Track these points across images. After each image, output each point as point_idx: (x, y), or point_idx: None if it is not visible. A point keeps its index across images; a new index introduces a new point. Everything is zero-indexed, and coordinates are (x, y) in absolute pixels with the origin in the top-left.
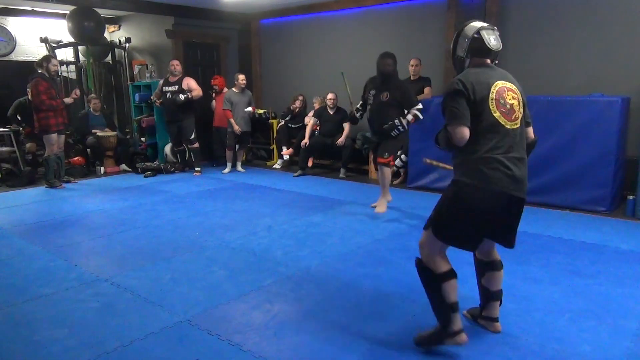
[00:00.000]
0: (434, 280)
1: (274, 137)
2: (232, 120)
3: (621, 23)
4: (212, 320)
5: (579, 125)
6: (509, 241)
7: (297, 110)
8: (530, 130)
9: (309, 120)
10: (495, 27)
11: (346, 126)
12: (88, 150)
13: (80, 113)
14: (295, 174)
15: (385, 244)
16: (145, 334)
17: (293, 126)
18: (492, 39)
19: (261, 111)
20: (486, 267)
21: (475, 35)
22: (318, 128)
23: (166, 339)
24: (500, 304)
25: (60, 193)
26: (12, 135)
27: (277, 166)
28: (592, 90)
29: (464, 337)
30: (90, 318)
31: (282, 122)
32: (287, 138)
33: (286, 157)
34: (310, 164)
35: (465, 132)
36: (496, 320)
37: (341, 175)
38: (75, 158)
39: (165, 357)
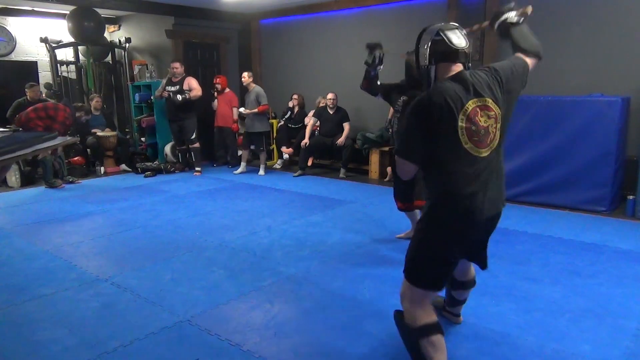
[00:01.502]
0: (412, 336)
1: (274, 137)
2: (240, 110)
3: (621, 23)
4: (212, 320)
5: (579, 125)
6: (482, 260)
7: (296, 109)
8: (528, 60)
9: (309, 120)
10: (458, 25)
11: (346, 126)
12: (88, 150)
13: (83, 119)
14: (295, 174)
15: (385, 244)
16: (145, 334)
17: (293, 126)
18: (455, 38)
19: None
20: (459, 285)
21: (436, 37)
22: (318, 128)
23: (166, 339)
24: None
25: (60, 193)
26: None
27: (277, 166)
28: (592, 90)
29: None
30: (90, 318)
31: (282, 122)
32: (287, 138)
33: (286, 156)
34: (310, 163)
35: (410, 169)
36: (459, 315)
37: (341, 175)
38: (75, 158)
39: (165, 357)
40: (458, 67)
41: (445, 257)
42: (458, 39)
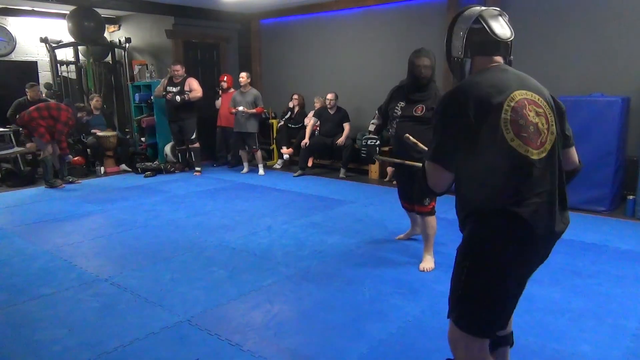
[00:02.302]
0: None
1: (274, 137)
2: (233, 111)
3: (621, 23)
4: (212, 320)
5: (578, 126)
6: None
7: (296, 109)
8: (573, 152)
9: (309, 120)
10: (501, 11)
11: (346, 126)
12: (88, 150)
13: (85, 119)
14: (295, 174)
15: (386, 244)
16: (145, 334)
17: (293, 126)
18: (498, 27)
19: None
20: (500, 341)
21: (475, 25)
22: (318, 128)
23: (166, 339)
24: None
25: (60, 193)
26: (12, 135)
27: (277, 166)
28: (592, 90)
29: None
30: (90, 318)
31: (282, 122)
32: (287, 138)
33: (286, 156)
34: (310, 164)
35: (443, 179)
36: None
37: (341, 175)
38: (75, 158)
39: (165, 357)
40: (497, 61)
41: (502, 288)
42: (502, 28)
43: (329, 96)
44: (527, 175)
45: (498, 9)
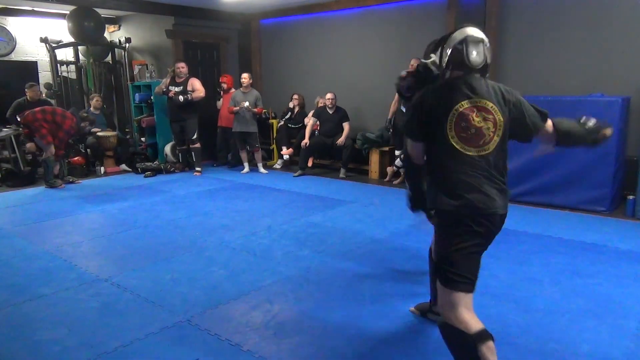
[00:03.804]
0: (467, 345)
1: (274, 137)
2: (234, 109)
3: (621, 23)
4: (212, 320)
5: None
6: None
7: (296, 109)
8: (549, 125)
9: (309, 120)
10: (483, 38)
11: (346, 126)
12: (88, 150)
13: (87, 129)
14: (295, 174)
15: (385, 244)
16: (145, 334)
17: (293, 126)
18: (474, 53)
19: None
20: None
21: (458, 46)
22: (318, 128)
23: (166, 339)
24: None
25: (60, 193)
26: (12, 135)
27: (277, 166)
28: (592, 90)
29: None
30: (90, 318)
31: (282, 122)
32: (287, 138)
33: (286, 157)
34: (310, 164)
35: (418, 152)
36: None
37: (341, 175)
38: (75, 158)
39: (165, 357)
40: (471, 74)
41: (466, 249)
42: (477, 55)
43: (329, 96)
44: (465, 163)
45: (480, 37)
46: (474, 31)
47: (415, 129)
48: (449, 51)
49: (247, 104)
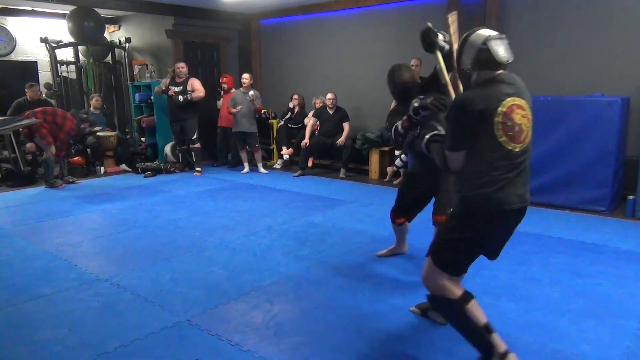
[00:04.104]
0: (454, 309)
1: (274, 137)
2: (233, 110)
3: (621, 23)
4: (212, 320)
5: (579, 125)
6: (497, 252)
7: (296, 109)
8: None
9: (309, 120)
10: (504, 36)
11: (346, 126)
12: (88, 150)
13: (87, 130)
14: (295, 174)
15: (385, 244)
16: (145, 334)
17: (293, 126)
18: (501, 50)
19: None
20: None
21: (482, 47)
22: (318, 128)
23: (166, 339)
24: None
25: (60, 193)
26: (12, 135)
27: (277, 166)
28: (592, 90)
29: (512, 357)
30: (90, 318)
31: (282, 122)
32: (287, 138)
33: (286, 157)
34: (310, 164)
35: (460, 160)
36: None
37: (341, 175)
38: (75, 158)
39: (165, 357)
40: (496, 75)
41: (477, 247)
42: (505, 51)
43: (329, 96)
44: (508, 159)
45: (499, 34)
46: (489, 31)
47: (459, 138)
48: (474, 51)
49: (252, 92)
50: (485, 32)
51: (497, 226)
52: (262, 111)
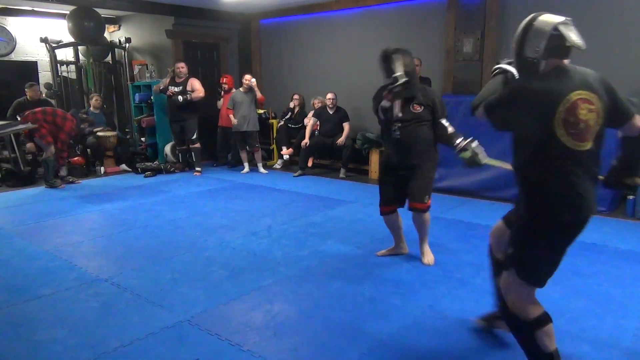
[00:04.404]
0: (525, 330)
1: (274, 137)
2: (231, 115)
3: (621, 23)
4: (212, 320)
5: None
6: None
7: (296, 109)
8: (636, 120)
9: (309, 120)
10: (571, 20)
11: (346, 126)
12: (88, 150)
13: (87, 130)
14: (295, 174)
15: (385, 244)
16: (145, 334)
17: (293, 126)
18: (572, 35)
19: (261, 111)
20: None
21: (554, 32)
22: (318, 128)
23: (166, 339)
24: None
25: (60, 193)
26: (12, 135)
27: (277, 166)
28: None
29: None
30: (90, 318)
31: (282, 122)
32: (287, 138)
33: (286, 157)
34: (310, 164)
35: (482, 117)
36: None
37: (341, 175)
38: (75, 158)
39: (165, 357)
40: (563, 63)
41: (559, 253)
42: (576, 37)
43: (329, 96)
44: (571, 159)
45: (567, 18)
46: (556, 16)
47: (498, 114)
48: (542, 39)
49: (254, 80)
50: (552, 17)
51: (578, 233)
52: (261, 111)
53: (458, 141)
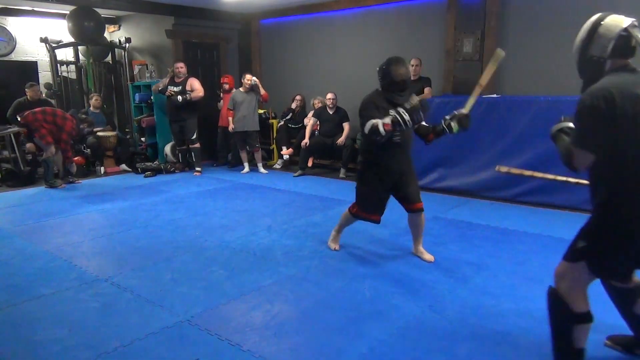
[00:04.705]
0: (566, 320)
1: (274, 137)
2: (230, 118)
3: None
4: (212, 320)
5: None
6: None
7: (297, 110)
8: None
9: (309, 120)
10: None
11: (346, 126)
12: (88, 150)
13: (86, 131)
14: (295, 174)
15: (385, 244)
16: (145, 334)
17: (293, 126)
18: None
19: (261, 111)
20: (634, 294)
21: (623, 33)
22: (318, 128)
23: (166, 339)
24: None
25: (60, 193)
26: (12, 135)
27: (277, 166)
28: None
29: None
30: (90, 318)
31: (282, 122)
32: (287, 138)
33: (286, 157)
34: (310, 164)
35: (588, 159)
36: None
37: (341, 175)
38: (75, 158)
39: (165, 357)
40: (628, 63)
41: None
42: None
43: (329, 96)
44: None
45: (634, 20)
46: (623, 17)
47: (592, 137)
48: (610, 39)
49: (256, 78)
50: (619, 18)
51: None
52: (261, 111)
53: (442, 121)
